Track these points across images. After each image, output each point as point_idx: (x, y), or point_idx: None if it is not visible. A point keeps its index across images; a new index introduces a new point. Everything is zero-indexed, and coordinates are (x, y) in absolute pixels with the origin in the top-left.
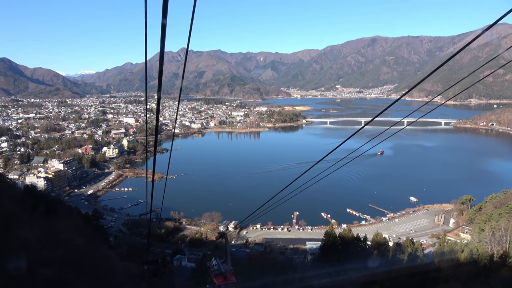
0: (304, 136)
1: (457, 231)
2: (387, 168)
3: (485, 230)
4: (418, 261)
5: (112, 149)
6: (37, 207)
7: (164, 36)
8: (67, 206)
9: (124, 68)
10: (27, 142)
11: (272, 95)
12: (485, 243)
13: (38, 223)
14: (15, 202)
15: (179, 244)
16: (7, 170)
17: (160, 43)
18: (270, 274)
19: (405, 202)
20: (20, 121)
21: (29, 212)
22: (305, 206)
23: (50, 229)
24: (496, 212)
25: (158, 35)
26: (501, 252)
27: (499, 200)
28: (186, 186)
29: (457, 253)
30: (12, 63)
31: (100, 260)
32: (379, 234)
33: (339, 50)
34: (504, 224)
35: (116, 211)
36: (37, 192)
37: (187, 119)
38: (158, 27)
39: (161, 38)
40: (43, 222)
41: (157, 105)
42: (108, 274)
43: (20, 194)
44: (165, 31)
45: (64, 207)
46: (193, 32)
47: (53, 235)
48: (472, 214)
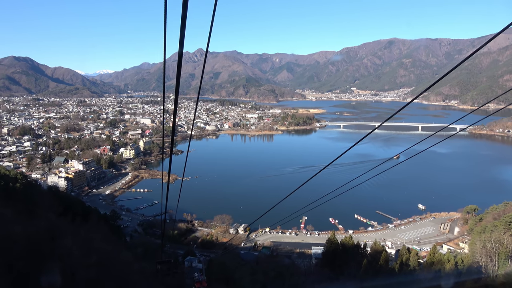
0: (317, 139)
1: (457, 240)
2: (398, 174)
3: (478, 242)
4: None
5: (129, 150)
6: (74, 216)
7: (183, 41)
8: (98, 214)
9: (142, 68)
10: (48, 141)
11: (287, 97)
12: (476, 254)
13: (76, 231)
14: (52, 209)
15: (191, 245)
16: (30, 169)
17: (178, 47)
18: (270, 279)
19: (413, 210)
20: (41, 121)
21: (68, 221)
22: (313, 211)
23: (86, 236)
24: (492, 223)
25: (176, 35)
26: (489, 264)
27: (498, 211)
28: (199, 188)
29: (444, 263)
30: (34, 63)
31: (121, 263)
32: (377, 242)
33: (356, 52)
34: (495, 237)
35: (132, 212)
36: (60, 193)
37: (201, 120)
38: (176, 27)
39: (179, 43)
40: (79, 229)
41: (174, 108)
42: (128, 275)
43: (56, 203)
44: (183, 37)
45: (96, 215)
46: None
47: (88, 242)
48: (473, 225)
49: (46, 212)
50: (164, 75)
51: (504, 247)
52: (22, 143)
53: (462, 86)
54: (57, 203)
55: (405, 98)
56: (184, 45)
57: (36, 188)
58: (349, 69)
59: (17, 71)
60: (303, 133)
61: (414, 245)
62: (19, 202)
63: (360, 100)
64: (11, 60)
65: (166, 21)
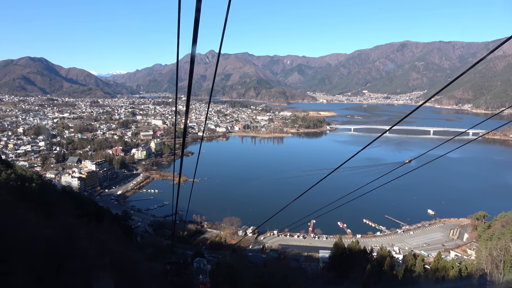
0: (327, 142)
1: (465, 247)
2: (408, 178)
3: (485, 249)
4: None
5: (141, 151)
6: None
7: (195, 43)
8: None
9: (154, 69)
10: (62, 141)
11: (298, 99)
12: (482, 262)
13: (91, 233)
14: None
15: (200, 246)
16: (45, 168)
17: (191, 49)
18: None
19: (422, 215)
20: (55, 121)
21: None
22: (322, 214)
23: (100, 238)
24: (499, 231)
25: (188, 36)
26: (495, 272)
27: (507, 219)
28: (209, 189)
29: (448, 270)
30: (48, 63)
31: (133, 263)
32: (383, 247)
33: (368, 55)
34: (502, 244)
35: (143, 212)
36: (74, 193)
37: (212, 122)
38: (188, 29)
39: (192, 45)
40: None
41: (186, 110)
42: (140, 274)
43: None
44: (196, 38)
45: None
46: (221, 35)
47: (102, 244)
48: (482, 231)
49: (62, 213)
50: (177, 76)
51: (510, 255)
52: (37, 142)
53: (476, 89)
54: (72, 203)
55: (418, 102)
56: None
57: (51, 188)
58: (361, 72)
59: (32, 71)
60: (313, 136)
61: (423, 250)
62: (35, 202)
63: (372, 103)
64: (27, 61)
65: (180, 22)
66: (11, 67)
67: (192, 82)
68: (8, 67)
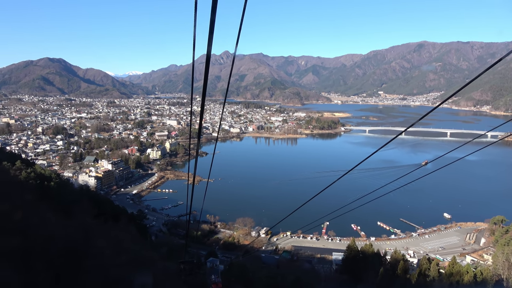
0: (341, 144)
1: (482, 252)
2: (423, 180)
3: (501, 254)
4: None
5: (156, 151)
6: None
7: (211, 44)
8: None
9: (169, 70)
10: (79, 141)
11: (312, 100)
12: (498, 267)
13: (107, 232)
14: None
15: (213, 246)
16: (62, 167)
17: (206, 50)
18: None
19: (438, 218)
20: (73, 120)
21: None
22: (336, 217)
23: (117, 237)
24: None
25: (203, 37)
26: (511, 278)
27: None
28: (222, 190)
29: (462, 275)
30: (67, 64)
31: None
32: (397, 251)
33: (383, 55)
34: None
35: (157, 211)
36: (91, 192)
37: (226, 123)
38: (204, 30)
39: (207, 46)
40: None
41: (201, 111)
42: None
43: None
44: (211, 40)
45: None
46: (236, 36)
47: (119, 243)
48: (499, 236)
49: (80, 212)
50: (193, 77)
51: None
52: (55, 142)
53: (495, 91)
54: (89, 202)
55: (434, 103)
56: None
57: (69, 187)
58: (376, 73)
59: (51, 72)
60: (328, 137)
61: (438, 254)
62: (53, 200)
63: (388, 104)
64: (46, 61)
65: (196, 24)
66: (31, 67)
67: (207, 83)
68: (28, 67)
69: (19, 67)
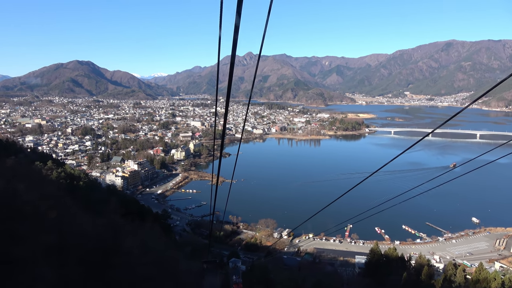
0: (365, 145)
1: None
2: (451, 183)
3: None
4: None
5: (180, 152)
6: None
7: (235, 47)
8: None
9: (193, 72)
10: (106, 141)
11: (336, 101)
12: None
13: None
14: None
15: (235, 247)
16: (90, 167)
17: (231, 52)
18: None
19: (466, 223)
20: (100, 121)
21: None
22: (360, 220)
23: (143, 236)
24: None
25: (227, 40)
26: None
27: None
28: (245, 191)
29: (490, 282)
30: (95, 66)
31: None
32: (422, 256)
33: (410, 55)
34: None
35: (181, 211)
36: (118, 191)
37: (249, 124)
38: (228, 32)
39: (232, 48)
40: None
41: (225, 112)
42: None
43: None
44: (236, 42)
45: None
46: (259, 37)
47: (145, 242)
48: None
49: (109, 211)
50: (218, 78)
51: None
52: (84, 142)
53: None
54: (116, 202)
55: (463, 104)
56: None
57: (97, 186)
58: (403, 73)
59: (80, 74)
60: (351, 138)
61: (465, 260)
62: (82, 199)
63: (414, 105)
64: (75, 64)
65: (221, 25)
66: (61, 70)
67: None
68: (58, 70)
69: (50, 69)
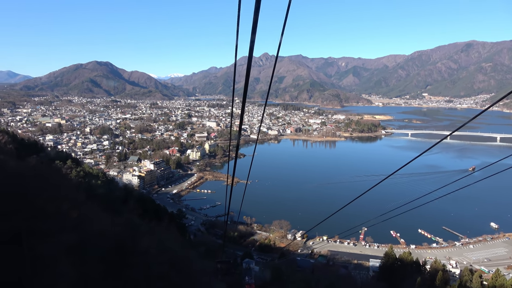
0: (381, 148)
1: None
2: (470, 188)
3: None
4: None
5: (195, 152)
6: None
7: (252, 48)
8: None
9: (209, 72)
10: (124, 141)
11: (352, 102)
12: None
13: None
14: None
15: (249, 247)
16: (108, 166)
17: (248, 53)
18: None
19: (484, 228)
20: (118, 121)
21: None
22: (375, 224)
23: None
24: None
25: (244, 40)
26: None
27: None
28: (259, 192)
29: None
30: (113, 67)
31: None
32: (437, 261)
33: (428, 56)
34: None
35: (196, 211)
36: (134, 191)
37: (264, 125)
38: (244, 33)
39: (249, 50)
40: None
41: (241, 113)
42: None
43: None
44: (253, 43)
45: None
46: (275, 38)
47: (161, 241)
48: None
49: (127, 211)
50: (234, 80)
51: None
52: (102, 141)
53: None
54: (133, 201)
55: (483, 106)
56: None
57: (114, 185)
58: (421, 74)
59: (98, 74)
60: (367, 140)
61: (483, 266)
62: (100, 198)
63: (432, 107)
64: (94, 65)
65: (239, 26)
66: (80, 70)
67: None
68: (78, 70)
69: (70, 70)
